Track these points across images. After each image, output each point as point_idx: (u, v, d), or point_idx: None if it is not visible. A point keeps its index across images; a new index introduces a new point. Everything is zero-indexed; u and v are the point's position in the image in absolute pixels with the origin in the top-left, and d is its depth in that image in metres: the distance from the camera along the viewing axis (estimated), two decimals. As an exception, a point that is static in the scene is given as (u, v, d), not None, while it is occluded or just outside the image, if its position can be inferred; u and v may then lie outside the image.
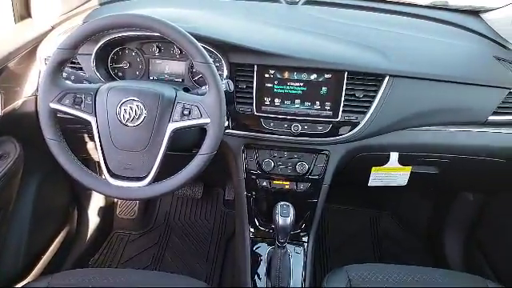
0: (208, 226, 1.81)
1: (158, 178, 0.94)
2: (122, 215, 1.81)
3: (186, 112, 0.91)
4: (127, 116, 0.91)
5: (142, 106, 0.91)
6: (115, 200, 1.83)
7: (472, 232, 1.61)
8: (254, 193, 1.23)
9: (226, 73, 1.11)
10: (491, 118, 1.16)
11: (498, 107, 1.15)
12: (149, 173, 0.92)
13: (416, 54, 1.22)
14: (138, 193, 0.92)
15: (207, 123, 0.90)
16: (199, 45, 0.90)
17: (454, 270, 1.58)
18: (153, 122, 0.91)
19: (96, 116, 0.92)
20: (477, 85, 1.15)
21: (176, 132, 0.93)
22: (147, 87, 0.94)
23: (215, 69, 0.90)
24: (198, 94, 0.99)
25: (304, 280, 1.15)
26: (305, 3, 1.41)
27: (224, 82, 0.99)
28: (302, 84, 1.11)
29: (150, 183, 0.92)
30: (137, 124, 0.91)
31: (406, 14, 1.38)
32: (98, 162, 0.99)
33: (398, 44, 1.24)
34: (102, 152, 0.93)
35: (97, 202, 1.70)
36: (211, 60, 0.90)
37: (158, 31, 0.90)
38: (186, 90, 1.11)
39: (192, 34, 0.93)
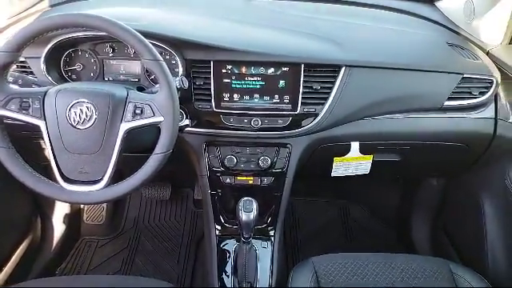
0: (178, 227, 1.79)
1: (118, 180, 0.92)
2: (89, 221, 1.77)
3: (138, 111, 0.89)
4: (77, 118, 0.88)
5: (92, 108, 0.89)
6: (81, 206, 1.79)
7: (438, 216, 1.65)
8: (219, 190, 1.22)
9: (181, 70, 1.09)
10: (447, 103, 1.19)
11: (453, 92, 1.18)
12: (104, 175, 0.90)
13: (372, 43, 1.23)
14: (94, 196, 0.90)
15: (160, 121, 0.88)
16: (147, 42, 0.89)
17: (422, 254, 1.62)
18: (104, 123, 0.89)
19: (45, 120, 0.89)
20: (432, 71, 1.17)
21: (130, 132, 0.91)
22: (97, 88, 0.92)
23: (165, 65, 0.89)
24: (152, 93, 0.97)
25: (271, 274, 1.15)
26: None
27: (177, 79, 0.98)
28: (260, 78, 1.11)
29: (105, 186, 0.90)
30: (88, 126, 0.89)
31: (362, 4, 1.40)
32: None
33: (353, 34, 1.26)
34: (54, 157, 0.90)
35: (61, 209, 1.65)
36: (160, 57, 0.89)
37: (104, 30, 0.88)
38: (141, 89, 1.09)
39: (142, 32, 0.91)
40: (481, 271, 1.15)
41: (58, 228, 1.62)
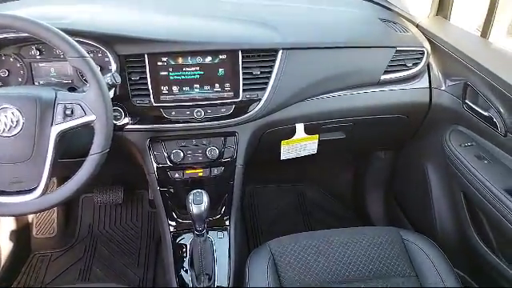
0: (136, 230, 1.74)
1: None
2: (39, 235, 1.68)
3: (68, 112, 0.85)
4: (3, 126, 0.83)
5: (18, 113, 0.84)
6: (30, 220, 1.70)
7: (389, 188, 1.72)
8: (169, 186, 1.19)
9: (114, 66, 1.05)
10: (383, 77, 1.23)
11: (388, 66, 1.22)
12: (39, 183, 0.85)
13: (307, 24, 1.25)
14: (29, 206, 0.85)
15: (93, 120, 0.85)
16: (70, 39, 0.85)
17: (378, 225, 1.67)
18: (33, 128, 0.84)
19: None
20: (367, 47, 1.21)
21: (64, 135, 0.87)
22: (22, 92, 0.87)
23: (92, 62, 0.85)
24: (83, 92, 0.93)
25: (230, 263, 1.14)
26: None
27: (108, 75, 0.94)
28: (198, 68, 1.09)
29: (42, 194, 0.85)
30: (15, 133, 0.84)
31: (295, -13, 1.41)
32: None
33: (288, 17, 1.27)
34: None
35: (7, 225, 1.56)
36: (86, 53, 0.85)
37: (23, 30, 0.84)
38: (73, 89, 1.04)
39: (67, 30, 0.88)
40: (431, 236, 1.20)
41: (5, 246, 1.53)
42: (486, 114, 1.11)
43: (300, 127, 1.23)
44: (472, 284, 1.23)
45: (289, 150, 1.27)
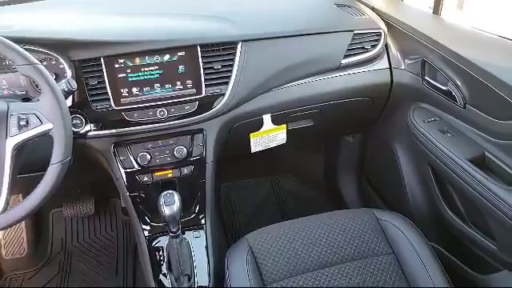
0: (111, 239, 1.69)
1: None
2: (9, 256, 1.61)
3: (23, 123, 0.81)
4: (-46, 144, 0.78)
5: (-32, 130, 0.79)
6: (-2, 242, 1.62)
7: (361, 170, 1.74)
8: (139, 191, 1.16)
9: (69, 73, 1.01)
10: (344, 61, 1.24)
11: (348, 50, 1.24)
12: (-2, 201, 0.81)
13: (264, 15, 1.25)
14: None
15: (50, 129, 0.81)
16: (17, 47, 0.81)
17: (353, 208, 1.70)
18: None
19: None
20: (325, 33, 1.21)
21: (22, 148, 0.83)
22: None
23: (43, 68, 0.82)
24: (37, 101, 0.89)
25: (208, 262, 1.13)
26: None
27: (63, 81, 0.90)
28: (157, 67, 1.06)
29: (1, 212, 0.81)
30: (-33, 150, 0.79)
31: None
32: None
33: (245, 9, 1.26)
34: None
35: (-27, 250, 1.49)
36: (35, 60, 0.81)
37: None
38: (27, 100, 1.00)
39: (15, 38, 0.84)
40: (405, 212, 1.23)
41: (-27, 272, 1.46)
42: (444, 88, 1.14)
43: (267, 118, 1.22)
44: (447, 255, 1.26)
45: (258, 142, 1.27)
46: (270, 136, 1.27)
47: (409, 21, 1.24)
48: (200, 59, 1.07)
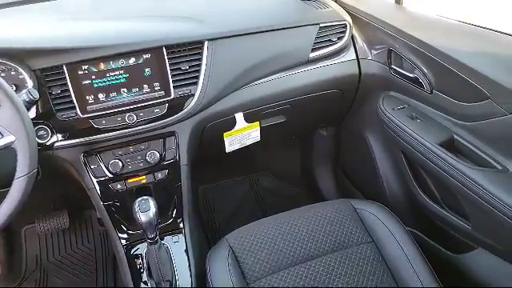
0: (88, 252, 1.65)
1: None
2: (-19, 279, 1.54)
3: (-18, 137, 0.78)
4: None
5: None
6: (-32, 265, 1.55)
7: (336, 162, 1.76)
8: (113, 199, 1.13)
9: (31, 83, 0.97)
10: (312, 54, 1.24)
11: (315, 43, 1.24)
12: (-39, 221, 0.77)
13: (229, 13, 1.23)
14: None
15: (13, 141, 0.78)
16: None
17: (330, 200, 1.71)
18: None
19: None
20: (291, 28, 1.21)
21: None
22: None
23: (0, 80, 0.78)
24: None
25: (190, 265, 1.11)
26: None
27: (23, 91, 0.87)
28: (122, 71, 1.03)
29: (-34, 232, 0.77)
30: None
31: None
32: None
33: (210, 8, 1.24)
34: None
35: None
36: None
37: None
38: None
39: None
40: (381, 200, 1.25)
41: None
42: (411, 75, 1.16)
43: (239, 117, 1.22)
44: (425, 238, 1.29)
45: (232, 142, 1.26)
46: (243, 134, 1.26)
47: (373, 11, 1.26)
48: (166, 61, 1.05)
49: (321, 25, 1.24)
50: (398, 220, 1.11)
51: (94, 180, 1.09)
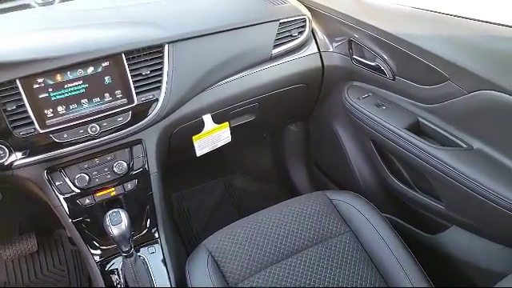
0: (61, 274, 1.57)
1: None
2: None
3: None
4: None
5: None
6: None
7: (308, 156, 1.76)
8: (83, 215, 1.08)
9: None
10: (274, 51, 1.24)
11: (276, 40, 1.24)
12: None
13: (187, 15, 1.21)
14: None
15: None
16: None
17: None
18: None
19: None
20: (251, 25, 1.20)
21: None
22: None
23: None
24: None
25: (169, 275, 1.08)
26: (61, 1, 1.29)
27: None
28: (81, 82, 0.99)
29: None
30: None
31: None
32: None
33: (168, 11, 1.22)
34: None
35: None
36: None
37: None
38: None
39: None
40: (355, 189, 1.26)
41: None
42: (373, 64, 1.18)
43: (207, 118, 1.20)
44: (401, 223, 1.31)
45: (203, 145, 1.24)
46: (213, 136, 1.24)
47: (330, 4, 1.27)
48: (126, 67, 1.02)
49: (281, 21, 1.24)
50: (373, 207, 1.12)
51: (61, 197, 1.04)
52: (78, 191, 1.05)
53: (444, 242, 1.14)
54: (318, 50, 1.31)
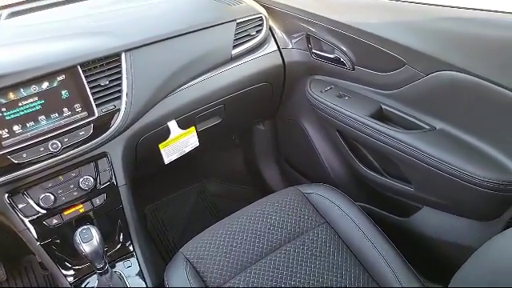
0: (35, 301, 1.51)
1: None
2: None
3: None
4: None
5: None
6: None
7: (278, 153, 1.77)
8: (52, 236, 1.04)
9: None
10: (234, 51, 1.24)
11: (235, 40, 1.23)
12: None
13: (143, 21, 1.19)
14: None
15: None
16: None
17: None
18: None
19: None
20: (208, 27, 1.20)
21: None
22: None
23: None
24: None
25: (147, 287, 1.05)
26: (7, 17, 1.24)
27: None
28: (36, 98, 0.95)
29: None
30: None
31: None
32: None
33: (123, 19, 1.20)
34: None
35: None
36: None
37: None
38: None
39: None
40: (326, 181, 1.27)
41: None
42: (332, 56, 1.20)
43: (173, 125, 1.18)
44: (374, 209, 1.33)
45: (170, 152, 1.21)
46: (180, 142, 1.22)
47: (285, 0, 1.28)
48: (84, 79, 0.99)
49: (237, 21, 1.24)
50: (346, 197, 1.13)
51: (26, 220, 0.99)
52: (44, 212, 1.00)
53: (417, 224, 1.17)
54: (278, 47, 1.32)
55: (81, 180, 1.03)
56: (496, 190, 0.89)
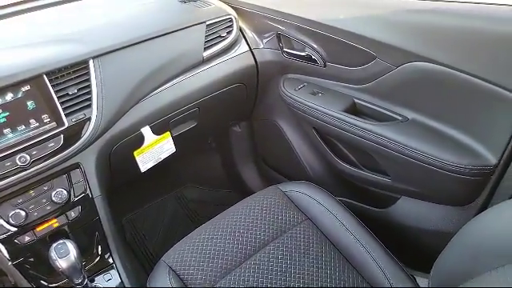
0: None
1: None
2: None
3: None
4: None
5: None
6: None
7: (255, 154, 1.76)
8: (24, 255, 0.99)
9: None
10: (206, 53, 1.23)
11: (206, 42, 1.22)
12: None
13: (110, 26, 1.17)
14: None
15: None
16: None
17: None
18: None
19: None
20: (178, 30, 1.18)
21: None
22: None
23: None
24: None
25: (130, 299, 1.03)
26: None
27: None
28: (0, 110, 0.91)
29: None
30: None
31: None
32: None
33: (90, 25, 1.16)
34: None
35: None
36: None
37: None
38: None
39: None
40: (306, 178, 1.27)
41: None
42: (303, 54, 1.20)
43: (147, 130, 1.15)
44: (354, 203, 1.34)
45: (146, 159, 1.18)
46: (155, 149, 1.19)
47: (254, 0, 1.28)
48: (51, 88, 0.95)
49: (207, 22, 1.23)
50: (326, 192, 1.14)
51: (-4, 239, 0.95)
52: (15, 229, 0.96)
53: (395, 214, 1.19)
54: (249, 47, 1.32)
55: (53, 193, 0.99)
56: (470, 176, 0.91)
